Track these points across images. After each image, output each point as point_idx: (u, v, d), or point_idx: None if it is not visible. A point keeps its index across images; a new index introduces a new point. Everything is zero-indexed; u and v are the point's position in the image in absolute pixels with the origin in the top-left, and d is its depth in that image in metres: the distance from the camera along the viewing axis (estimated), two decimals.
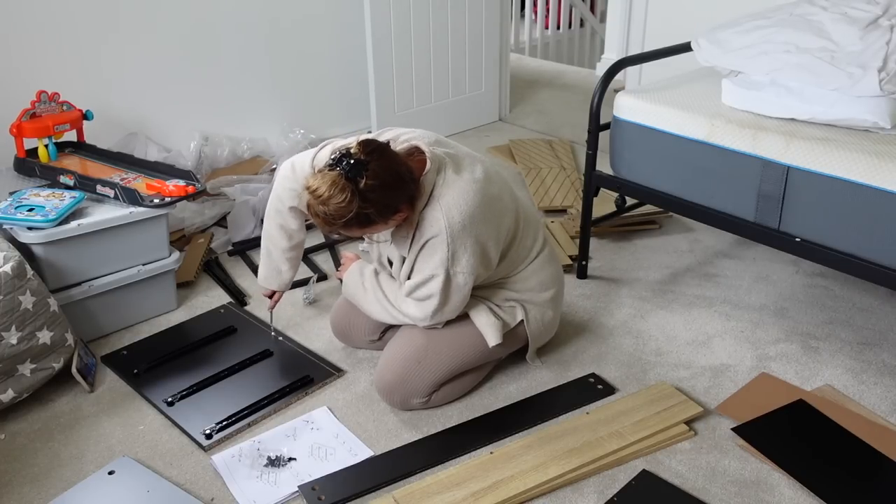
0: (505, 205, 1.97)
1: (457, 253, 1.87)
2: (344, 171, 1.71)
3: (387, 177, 1.75)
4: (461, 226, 1.85)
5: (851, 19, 2.17)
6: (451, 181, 1.88)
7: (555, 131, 4.11)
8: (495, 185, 1.96)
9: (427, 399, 2.05)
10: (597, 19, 6.35)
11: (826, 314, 2.47)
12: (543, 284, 2.11)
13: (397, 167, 1.79)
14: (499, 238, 1.96)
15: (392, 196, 1.78)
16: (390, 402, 2.07)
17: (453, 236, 1.85)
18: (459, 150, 1.99)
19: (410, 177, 1.82)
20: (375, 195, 1.73)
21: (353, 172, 1.71)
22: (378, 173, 1.73)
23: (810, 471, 1.84)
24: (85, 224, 2.27)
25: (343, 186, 1.70)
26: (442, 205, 1.85)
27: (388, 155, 1.79)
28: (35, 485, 1.86)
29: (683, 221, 3.08)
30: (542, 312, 2.12)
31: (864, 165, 1.95)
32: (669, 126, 2.32)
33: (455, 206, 1.85)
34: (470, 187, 1.88)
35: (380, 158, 1.75)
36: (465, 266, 1.89)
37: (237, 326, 2.45)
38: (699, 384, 2.16)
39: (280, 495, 1.82)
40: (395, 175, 1.77)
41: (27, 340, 2.04)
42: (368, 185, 1.71)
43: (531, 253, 2.09)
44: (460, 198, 1.86)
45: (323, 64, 3.62)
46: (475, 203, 1.87)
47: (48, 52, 2.82)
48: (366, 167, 1.72)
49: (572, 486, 1.83)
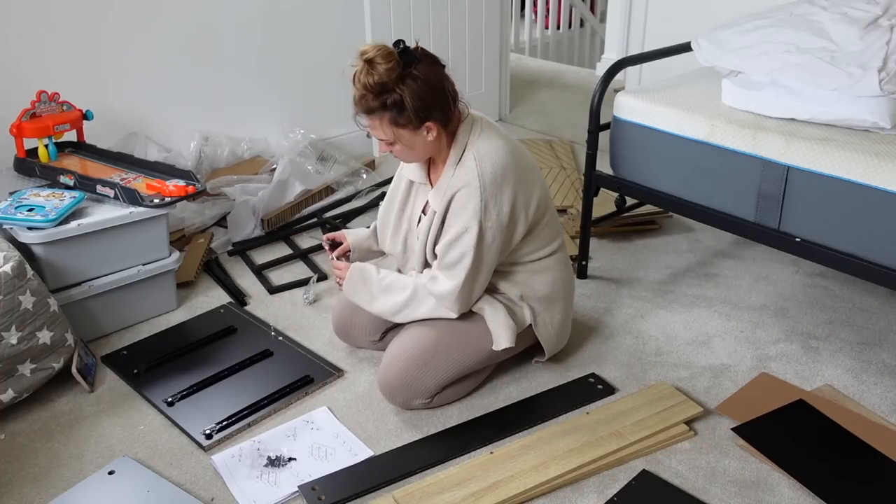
0: (536, 177, 2.00)
1: (489, 204, 1.88)
2: (400, 48, 1.82)
3: (432, 78, 1.83)
4: (492, 175, 1.88)
5: (851, 19, 2.18)
6: (485, 136, 1.93)
7: (555, 131, 4.11)
8: (527, 157, 2.00)
9: (430, 400, 2.05)
10: (597, 19, 6.35)
11: (826, 314, 2.47)
12: (555, 282, 2.10)
13: (443, 79, 1.87)
14: (528, 201, 1.96)
15: (429, 97, 1.83)
16: (392, 401, 2.06)
17: (485, 185, 1.87)
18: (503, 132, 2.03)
19: (454, 100, 1.90)
20: (416, 84, 1.80)
21: (406, 56, 1.81)
22: (426, 72, 1.83)
23: (810, 471, 1.84)
24: (85, 224, 2.27)
25: (392, 57, 1.78)
26: (475, 154, 1.90)
27: (439, 66, 1.88)
28: (35, 485, 1.86)
29: (683, 221, 3.08)
30: (550, 315, 2.11)
31: (864, 165, 1.95)
32: (669, 126, 2.32)
33: (488, 157, 1.89)
34: (503, 144, 1.92)
35: (433, 64, 1.86)
36: (496, 221, 1.90)
37: (237, 326, 2.45)
38: (699, 384, 2.16)
39: (280, 495, 1.82)
40: (439, 82, 1.85)
41: (27, 340, 2.04)
42: (413, 73, 1.80)
43: (551, 245, 2.08)
44: (493, 151, 1.90)
45: (323, 64, 3.62)
46: (508, 160, 1.91)
47: (48, 52, 2.82)
48: (418, 60, 1.82)
49: (572, 486, 1.83)
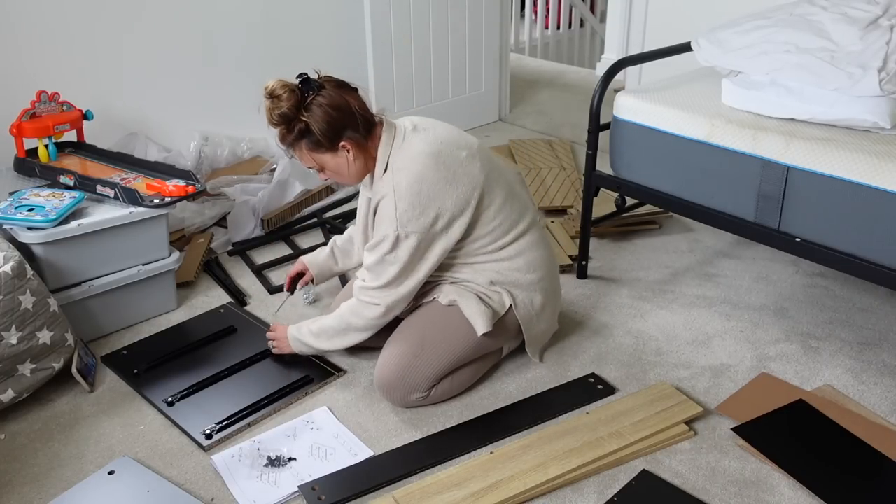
0: (473, 170, 2.01)
1: (405, 213, 1.94)
2: (300, 79, 1.94)
3: (334, 100, 1.92)
4: (407, 185, 1.93)
5: (851, 19, 2.18)
6: (406, 145, 1.99)
7: (555, 131, 4.11)
8: (464, 151, 2.02)
9: (426, 394, 2.06)
10: (597, 19, 6.35)
11: (826, 314, 2.47)
12: (531, 265, 2.11)
13: (349, 99, 1.95)
14: (462, 205, 1.99)
15: (335, 118, 1.92)
16: (390, 398, 2.07)
17: (399, 195, 1.93)
18: (436, 125, 2.07)
19: (363, 117, 1.96)
20: (320, 111, 1.91)
21: (305, 85, 1.93)
22: (328, 96, 1.92)
23: (810, 471, 1.84)
24: (85, 224, 2.27)
25: (292, 89, 1.91)
26: (392, 165, 1.97)
27: (344, 89, 1.97)
28: (35, 485, 1.86)
29: (683, 221, 3.08)
30: (530, 297, 2.11)
31: (864, 165, 1.95)
32: (669, 126, 2.32)
33: (403, 167, 1.95)
34: (423, 151, 1.97)
35: (335, 88, 1.95)
36: (416, 226, 1.95)
37: (237, 326, 2.45)
38: (699, 384, 2.16)
39: (280, 495, 1.82)
40: (344, 103, 1.94)
41: (27, 340, 2.04)
42: (316, 100, 1.91)
43: (514, 229, 2.09)
44: (410, 160, 1.96)
45: (323, 64, 3.57)
46: (426, 165, 1.95)
47: (48, 52, 2.82)
48: (320, 87, 1.93)
49: (572, 486, 1.83)
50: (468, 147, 2.04)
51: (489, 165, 2.07)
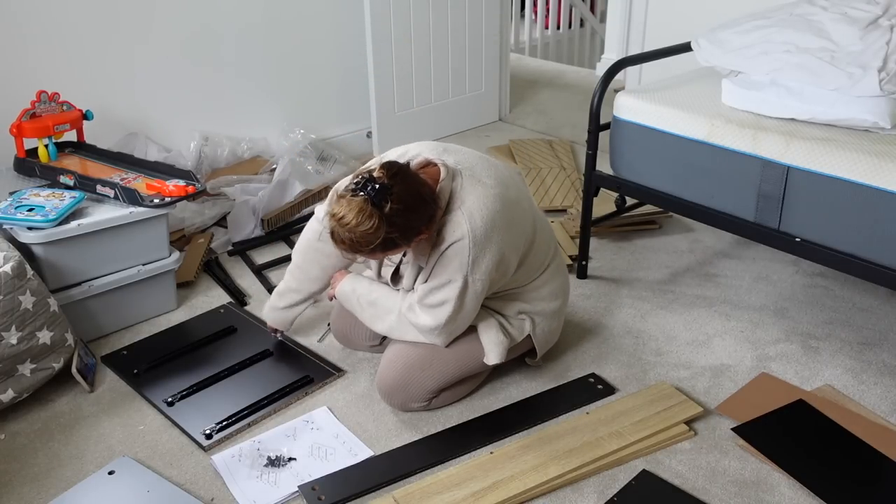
0: (524, 210, 1.94)
1: (478, 259, 1.82)
2: (370, 195, 1.66)
3: (410, 200, 1.71)
4: (483, 230, 1.81)
5: (851, 19, 2.18)
6: (469, 186, 1.84)
7: (555, 131, 4.11)
8: (513, 189, 1.93)
9: (427, 403, 2.06)
10: (597, 19, 6.35)
11: (826, 314, 2.47)
12: (554, 294, 2.10)
13: (419, 188, 1.75)
14: (518, 244, 1.92)
15: (416, 218, 1.75)
16: (390, 403, 2.07)
17: (475, 241, 1.81)
18: (471, 156, 1.95)
19: (431, 197, 1.78)
20: (400, 219, 1.69)
21: (378, 198, 1.66)
22: (402, 197, 1.69)
23: (810, 471, 1.84)
24: (85, 224, 2.27)
25: (370, 213, 1.65)
26: (464, 210, 1.81)
27: (410, 177, 1.75)
28: (35, 485, 1.86)
29: (683, 221, 3.08)
30: (549, 323, 2.12)
31: (864, 165, 1.95)
32: (669, 126, 2.32)
33: (477, 210, 1.81)
34: (491, 192, 1.85)
35: (403, 182, 1.71)
36: (484, 272, 1.85)
37: (237, 326, 2.45)
38: (699, 384, 2.16)
39: (280, 495, 1.82)
40: (418, 196, 1.74)
41: (27, 340, 2.04)
42: (393, 209, 1.67)
43: (545, 260, 2.06)
44: (481, 202, 1.82)
45: (323, 64, 3.62)
46: (497, 207, 1.83)
47: (48, 52, 2.82)
48: (390, 191, 1.67)
49: (572, 486, 1.83)
50: (511, 184, 1.94)
51: (524, 193, 2.00)
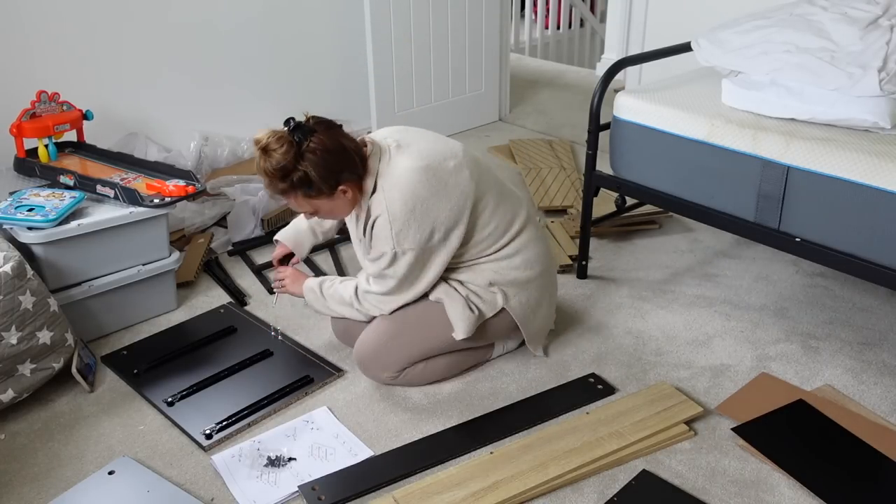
0: (463, 179, 1.99)
1: (402, 231, 1.93)
2: (290, 128, 1.86)
3: (329, 144, 1.86)
4: (401, 204, 1.91)
5: (851, 19, 2.18)
6: (393, 164, 1.95)
7: (555, 131, 4.11)
8: (452, 161, 2.00)
9: (397, 375, 2.13)
10: (597, 19, 6.35)
11: (826, 314, 2.47)
12: (528, 263, 2.11)
13: (343, 140, 1.90)
14: (455, 212, 1.98)
15: (333, 163, 1.87)
16: (364, 373, 2.16)
17: (393, 216, 1.92)
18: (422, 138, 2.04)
19: (358, 155, 1.92)
20: (316, 157, 1.84)
21: (298, 133, 1.84)
22: (322, 140, 1.85)
23: (810, 471, 1.84)
24: (85, 224, 2.27)
25: (287, 141, 1.84)
26: (383, 186, 1.94)
27: (335, 129, 1.90)
28: (35, 485, 1.86)
29: (683, 221, 3.08)
30: (526, 296, 2.12)
31: (864, 165, 1.95)
32: (669, 126, 2.32)
33: (395, 186, 1.92)
34: (414, 165, 1.94)
35: (326, 130, 1.88)
36: (413, 243, 1.94)
37: (237, 326, 2.45)
38: (699, 384, 2.16)
39: (280, 495, 1.82)
40: (339, 145, 1.88)
41: (27, 340, 2.04)
42: (312, 147, 1.84)
43: (510, 230, 2.09)
44: (400, 178, 1.93)
45: (323, 64, 3.62)
46: (417, 179, 1.93)
47: (48, 52, 2.82)
48: (312, 132, 1.85)
49: (572, 486, 1.83)
50: (454, 155, 2.02)
51: (477, 170, 2.05)
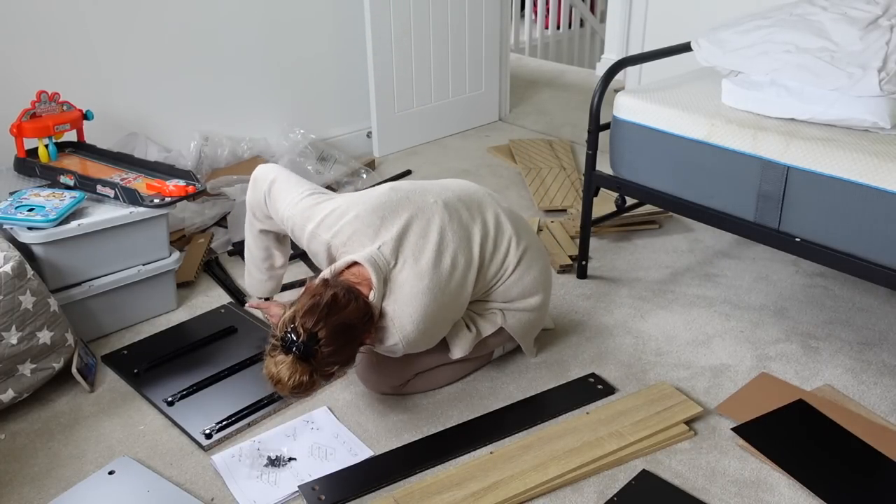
0: (460, 272, 1.92)
1: (414, 347, 1.90)
2: (297, 353, 1.69)
3: (341, 337, 1.73)
4: (415, 332, 1.85)
5: (851, 19, 2.17)
6: (398, 289, 1.84)
7: (555, 131, 4.11)
8: (447, 256, 1.90)
9: (400, 386, 2.11)
10: (597, 19, 6.35)
11: (826, 314, 2.47)
12: (526, 291, 2.08)
13: (347, 319, 1.74)
14: (459, 301, 1.95)
15: (350, 348, 1.78)
16: (365, 385, 2.13)
17: (408, 342, 1.86)
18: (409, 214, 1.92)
19: (364, 318, 1.78)
20: (335, 358, 1.74)
21: (306, 354, 1.69)
22: (331, 338, 1.71)
23: (810, 471, 1.84)
24: (85, 224, 2.27)
25: (302, 370, 1.70)
26: (395, 321, 1.83)
27: (334, 312, 1.73)
28: (35, 485, 1.86)
29: (683, 221, 3.08)
30: (527, 315, 2.12)
31: (864, 165, 1.95)
32: (669, 126, 2.32)
33: (408, 318, 1.84)
34: (418, 290, 1.84)
35: (327, 322, 1.71)
36: (423, 345, 1.92)
37: (237, 326, 2.45)
38: (699, 384, 2.16)
39: (280, 495, 1.82)
40: (348, 329, 1.75)
41: (27, 340, 2.04)
42: (325, 353, 1.71)
43: (507, 266, 2.04)
44: (410, 308, 1.84)
45: (323, 64, 3.62)
46: (426, 304, 1.85)
47: (48, 52, 2.82)
48: (317, 341, 1.70)
49: (572, 486, 1.83)
50: (446, 245, 1.91)
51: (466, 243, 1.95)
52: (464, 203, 2.02)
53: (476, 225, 2.00)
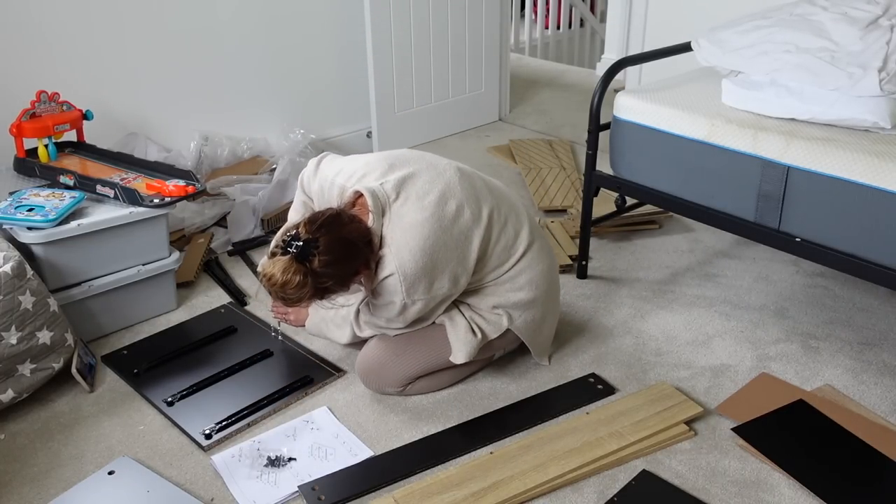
0: (465, 221, 1.93)
1: (413, 286, 1.87)
2: (294, 254, 1.73)
3: (338, 249, 1.77)
4: (413, 263, 1.85)
5: (851, 19, 2.18)
6: (398, 219, 1.87)
7: (555, 131, 4.11)
8: (452, 201, 1.92)
9: (402, 389, 2.11)
10: (597, 19, 6.35)
11: (826, 314, 2.47)
12: (532, 283, 2.08)
13: (347, 235, 1.79)
14: (464, 254, 1.93)
15: (347, 265, 1.80)
16: (367, 386, 2.13)
17: (405, 276, 1.85)
18: (418, 166, 1.96)
19: (363, 239, 1.82)
20: (330, 269, 1.76)
21: (302, 255, 1.73)
22: (329, 247, 1.75)
23: (810, 471, 1.84)
24: (85, 224, 2.27)
25: (296, 269, 1.73)
26: (392, 247, 1.85)
27: (335, 226, 1.79)
28: (35, 485, 1.86)
29: (683, 221, 3.08)
30: (532, 314, 2.11)
31: (864, 165, 1.95)
32: (669, 126, 2.32)
33: (405, 246, 1.85)
34: (418, 221, 1.86)
35: (328, 232, 1.76)
36: (423, 292, 1.90)
37: (237, 326, 2.45)
38: (699, 384, 2.16)
39: (280, 495, 1.82)
40: (347, 244, 1.79)
41: (27, 340, 2.04)
42: (321, 261, 1.74)
43: (517, 250, 2.04)
44: (409, 236, 1.85)
45: (323, 64, 3.62)
46: (426, 234, 1.86)
47: (48, 52, 2.82)
48: (315, 245, 1.74)
49: (572, 486, 1.83)
50: (452, 193, 1.93)
51: (475, 202, 1.97)
52: (480, 177, 2.07)
53: (489, 196, 2.03)
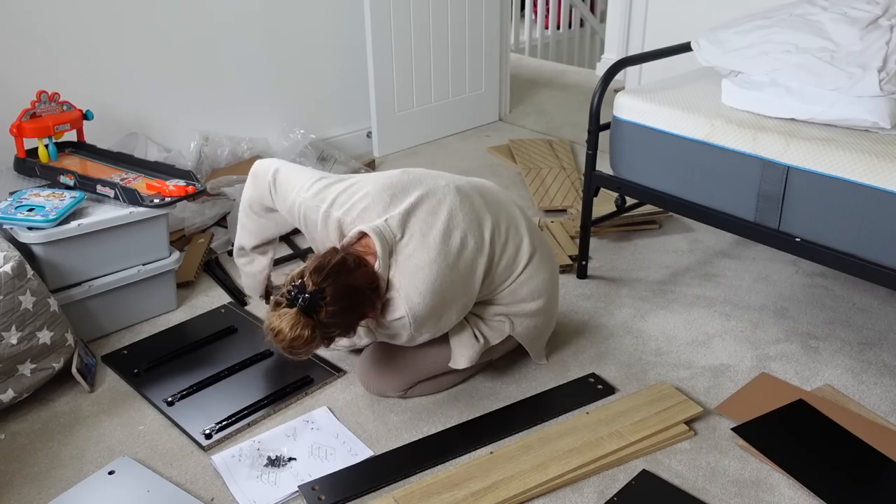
0: (469, 253, 1.91)
1: (421, 326, 1.86)
2: (301, 307, 1.70)
3: (346, 299, 1.74)
4: (423, 306, 1.83)
5: (851, 19, 2.18)
6: (404, 260, 1.83)
7: (555, 131, 4.11)
8: (457, 233, 1.89)
9: (402, 393, 2.10)
10: (597, 19, 6.35)
11: (826, 314, 2.47)
12: (535, 293, 2.07)
13: (354, 283, 1.75)
14: (469, 286, 1.92)
15: (354, 313, 1.79)
16: (367, 389, 2.13)
17: (416, 317, 1.83)
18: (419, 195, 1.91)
19: (371, 285, 1.79)
20: (337, 319, 1.74)
21: (310, 308, 1.70)
22: (336, 297, 1.72)
23: (810, 471, 1.84)
24: (85, 224, 2.27)
25: (304, 323, 1.70)
26: (401, 291, 1.82)
27: (342, 273, 1.74)
28: (35, 485, 1.86)
29: (683, 221, 3.08)
30: (534, 321, 2.11)
31: (864, 165, 1.95)
32: (669, 126, 2.32)
33: (415, 291, 1.82)
34: (425, 262, 1.83)
35: (335, 282, 1.73)
36: (431, 327, 1.89)
37: (237, 326, 2.45)
38: (699, 384, 2.17)
39: (280, 495, 1.82)
40: (354, 293, 1.76)
41: (27, 340, 2.04)
42: (329, 311, 1.71)
43: (518, 265, 2.03)
44: (418, 280, 1.82)
45: (323, 64, 3.62)
46: (433, 278, 1.83)
47: (48, 52, 2.82)
48: (322, 296, 1.71)
49: (572, 486, 1.83)
50: (456, 224, 1.90)
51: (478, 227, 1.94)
52: (478, 192, 2.03)
53: (488, 214, 1.99)
